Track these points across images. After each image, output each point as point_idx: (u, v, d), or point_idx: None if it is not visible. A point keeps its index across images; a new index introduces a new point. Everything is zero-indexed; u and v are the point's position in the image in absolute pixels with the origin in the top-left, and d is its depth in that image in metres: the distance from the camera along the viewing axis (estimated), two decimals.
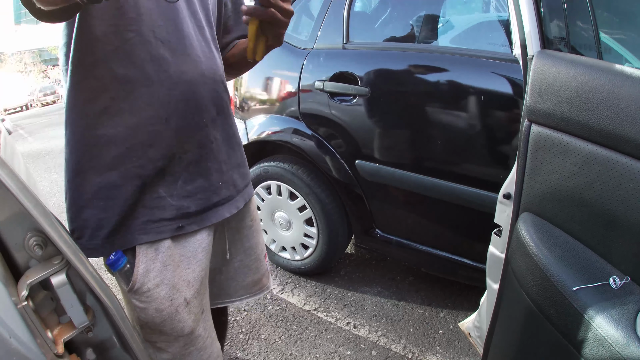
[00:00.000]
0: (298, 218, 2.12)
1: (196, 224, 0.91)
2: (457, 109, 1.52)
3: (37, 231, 0.61)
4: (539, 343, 0.89)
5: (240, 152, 1.03)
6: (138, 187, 0.83)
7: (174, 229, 0.87)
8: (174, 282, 0.88)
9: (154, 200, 0.85)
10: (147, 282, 0.85)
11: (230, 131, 0.99)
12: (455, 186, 1.57)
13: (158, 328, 0.89)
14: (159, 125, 0.82)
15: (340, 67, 1.79)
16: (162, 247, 0.87)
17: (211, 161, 0.91)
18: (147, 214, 0.85)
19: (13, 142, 2.80)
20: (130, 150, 0.81)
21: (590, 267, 0.79)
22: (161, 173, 0.85)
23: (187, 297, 0.91)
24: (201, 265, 0.94)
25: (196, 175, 0.89)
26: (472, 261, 1.66)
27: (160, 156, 0.83)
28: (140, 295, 0.85)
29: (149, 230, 0.85)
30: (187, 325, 0.91)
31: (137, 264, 0.84)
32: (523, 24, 0.95)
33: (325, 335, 1.89)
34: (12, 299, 0.57)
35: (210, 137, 0.91)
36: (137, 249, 0.84)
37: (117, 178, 0.82)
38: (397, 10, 2.03)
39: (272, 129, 2.06)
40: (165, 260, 0.87)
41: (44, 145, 8.07)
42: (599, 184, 0.77)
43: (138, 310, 0.87)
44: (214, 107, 0.91)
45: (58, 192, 4.44)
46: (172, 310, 0.88)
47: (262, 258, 1.17)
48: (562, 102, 0.83)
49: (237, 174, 1.00)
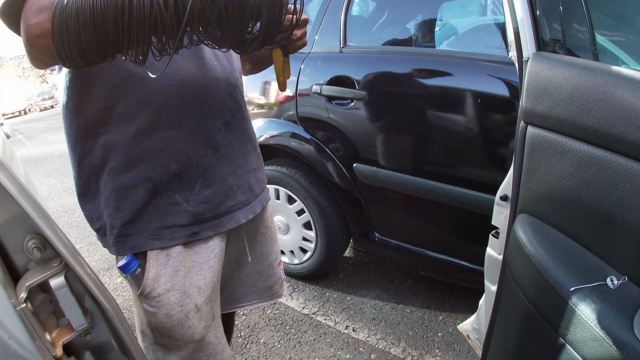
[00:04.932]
0: (296, 222, 2.12)
1: (211, 230, 0.90)
2: (454, 111, 1.52)
3: (36, 234, 0.61)
4: (538, 344, 0.89)
5: (257, 156, 1.02)
6: (150, 190, 0.82)
7: (188, 235, 0.87)
8: (185, 288, 0.88)
9: (169, 205, 0.84)
10: (158, 287, 0.85)
11: (246, 135, 0.98)
12: (452, 189, 1.57)
13: (168, 333, 0.88)
14: (171, 130, 0.82)
15: (338, 70, 1.79)
16: (173, 252, 0.86)
17: (227, 165, 0.90)
18: (161, 219, 0.84)
19: (12, 146, 2.80)
20: (142, 153, 0.81)
21: (588, 267, 0.80)
22: (176, 178, 0.84)
23: (198, 303, 0.90)
24: (213, 271, 0.93)
25: (213, 180, 0.88)
26: (470, 263, 1.66)
27: (173, 160, 0.83)
28: (150, 300, 0.85)
29: (161, 236, 0.85)
30: (197, 331, 0.91)
31: (148, 269, 0.84)
32: (518, 26, 0.96)
33: (324, 338, 1.88)
34: (11, 301, 0.57)
35: (225, 141, 0.90)
36: (148, 254, 0.84)
37: (130, 180, 0.82)
38: (394, 14, 2.04)
39: (270, 133, 2.07)
40: (176, 266, 0.86)
41: (43, 150, 8.06)
42: (595, 185, 0.77)
43: (148, 315, 0.87)
44: (228, 110, 0.90)
45: (56, 197, 4.44)
46: (182, 316, 0.88)
47: (276, 265, 1.15)
48: (557, 103, 0.84)
49: (253, 178, 0.98)
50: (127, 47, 0.56)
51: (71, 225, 3.52)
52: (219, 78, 0.87)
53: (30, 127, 14.38)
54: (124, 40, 0.55)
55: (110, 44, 0.56)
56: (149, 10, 0.53)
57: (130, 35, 0.55)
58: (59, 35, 0.55)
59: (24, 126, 14.95)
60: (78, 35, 0.55)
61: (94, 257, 2.83)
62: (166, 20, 0.54)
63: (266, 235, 1.10)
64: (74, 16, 0.54)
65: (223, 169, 0.90)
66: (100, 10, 0.53)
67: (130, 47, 0.57)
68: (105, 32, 0.55)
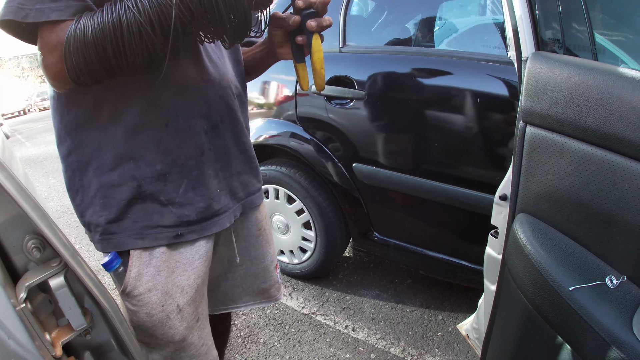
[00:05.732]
0: (296, 222, 2.12)
1: (196, 233, 0.90)
2: (453, 111, 1.53)
3: (35, 234, 0.61)
4: (537, 343, 0.90)
5: (245, 160, 1.00)
6: (135, 189, 0.82)
7: (172, 237, 0.87)
8: (167, 288, 0.87)
9: (154, 205, 0.84)
10: (139, 286, 0.85)
11: (235, 138, 0.96)
12: (452, 188, 1.57)
13: (149, 332, 0.88)
14: (158, 130, 0.82)
15: (337, 70, 1.79)
16: (156, 252, 0.86)
17: (210, 168, 0.90)
18: (146, 219, 0.84)
19: (11, 146, 2.80)
20: (129, 152, 0.81)
21: (587, 266, 0.80)
22: (162, 179, 0.84)
23: (181, 304, 0.90)
24: (197, 272, 0.93)
25: (197, 182, 0.88)
26: (470, 263, 1.66)
27: (158, 160, 0.83)
28: (131, 299, 0.85)
29: (145, 235, 0.84)
30: (178, 332, 0.90)
31: (130, 267, 0.84)
32: (517, 26, 0.96)
33: (324, 338, 1.89)
34: (11, 301, 0.57)
35: (211, 144, 0.89)
36: (131, 252, 0.84)
37: (116, 178, 0.82)
38: (393, 13, 2.04)
39: (269, 133, 2.07)
40: (159, 266, 0.86)
41: (42, 150, 8.06)
42: (594, 184, 0.78)
43: (130, 313, 0.87)
44: (217, 113, 0.89)
45: (56, 197, 4.44)
46: (163, 316, 0.88)
47: (272, 269, 1.14)
48: (556, 103, 0.84)
49: (237, 181, 0.97)
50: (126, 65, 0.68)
51: (71, 225, 3.52)
52: (211, 80, 0.87)
53: (29, 127, 14.38)
54: (123, 63, 0.67)
55: (114, 67, 0.68)
56: (139, 38, 0.64)
57: (127, 58, 0.66)
58: (74, 71, 0.67)
59: (24, 126, 14.95)
60: (90, 72, 0.67)
61: (94, 257, 2.83)
62: (156, 43, 0.65)
63: (260, 238, 1.09)
64: (82, 57, 0.65)
65: (208, 171, 0.89)
66: (102, 46, 0.64)
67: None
68: (109, 61, 0.66)
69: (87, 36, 0.64)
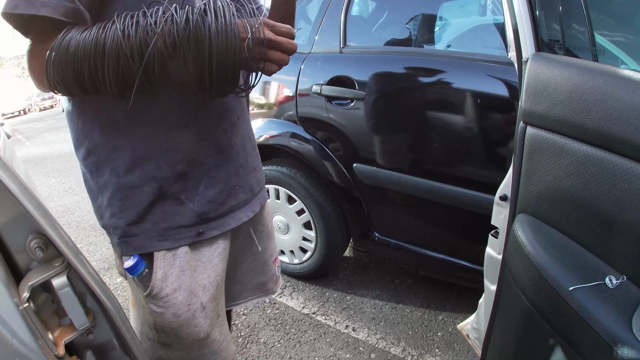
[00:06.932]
0: (296, 222, 2.12)
1: (217, 229, 0.91)
2: (454, 111, 1.53)
3: (38, 233, 0.61)
4: (537, 343, 0.90)
5: (256, 156, 1.03)
6: (156, 190, 0.82)
7: (194, 236, 0.88)
8: (191, 287, 0.88)
9: (175, 206, 0.85)
10: (166, 287, 0.85)
11: (248, 135, 0.99)
12: (452, 188, 1.57)
13: (174, 332, 0.89)
14: (178, 130, 0.82)
15: (338, 71, 1.80)
16: (179, 252, 0.87)
17: (230, 166, 0.91)
18: (168, 220, 0.84)
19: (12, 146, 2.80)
20: (148, 153, 0.81)
21: (587, 266, 0.80)
22: (182, 178, 0.84)
23: (204, 301, 0.91)
24: (217, 270, 0.94)
25: (216, 180, 0.89)
26: (470, 263, 1.66)
27: (179, 160, 0.83)
28: (158, 301, 0.85)
29: (168, 237, 0.85)
30: (202, 329, 0.91)
31: (156, 269, 0.84)
32: (518, 26, 0.96)
33: (324, 338, 1.89)
34: (14, 301, 0.57)
35: (230, 142, 0.90)
36: (155, 254, 0.85)
37: (136, 179, 0.81)
38: (393, 14, 2.05)
39: (270, 133, 2.07)
40: (182, 265, 0.87)
41: (42, 150, 8.06)
42: (594, 185, 0.78)
43: (155, 315, 0.87)
44: (234, 112, 0.91)
45: (56, 197, 4.44)
46: (189, 315, 0.88)
47: (271, 262, 1.16)
48: (556, 104, 0.84)
49: (253, 177, 1.00)
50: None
51: (71, 225, 3.52)
52: None
53: (30, 127, 14.38)
54: (99, 85, 0.67)
55: (87, 86, 0.68)
56: (116, 63, 0.64)
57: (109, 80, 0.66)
58: (52, 82, 0.67)
59: (24, 126, 14.96)
60: (66, 87, 0.67)
61: (94, 257, 2.83)
62: (134, 71, 0.65)
63: (263, 233, 1.11)
64: (60, 70, 0.65)
65: (227, 169, 0.90)
66: (80, 63, 0.65)
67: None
68: (83, 79, 0.66)
69: (69, 50, 0.64)
